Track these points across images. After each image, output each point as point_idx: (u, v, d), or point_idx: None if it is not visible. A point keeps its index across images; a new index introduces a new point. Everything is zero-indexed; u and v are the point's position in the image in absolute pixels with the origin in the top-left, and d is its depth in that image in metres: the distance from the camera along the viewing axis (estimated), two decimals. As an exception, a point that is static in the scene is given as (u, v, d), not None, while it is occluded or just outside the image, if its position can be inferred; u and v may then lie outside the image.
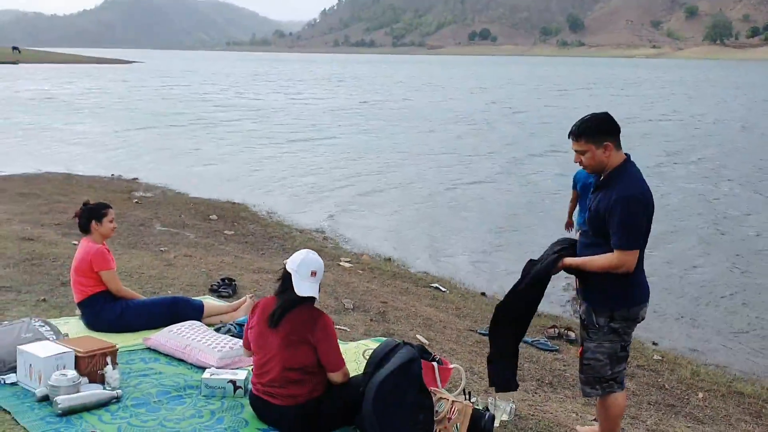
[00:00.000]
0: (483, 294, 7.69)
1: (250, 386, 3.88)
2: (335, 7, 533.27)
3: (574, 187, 7.52)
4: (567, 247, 3.60)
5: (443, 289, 7.59)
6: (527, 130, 25.92)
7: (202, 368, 4.29)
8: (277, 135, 23.83)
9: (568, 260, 3.46)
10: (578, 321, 3.74)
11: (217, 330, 4.93)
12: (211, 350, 4.45)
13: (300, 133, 24.71)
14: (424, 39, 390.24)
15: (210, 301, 5.67)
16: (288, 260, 3.73)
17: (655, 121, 29.04)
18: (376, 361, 3.68)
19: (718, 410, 5.09)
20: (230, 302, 5.70)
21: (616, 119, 3.42)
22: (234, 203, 12.52)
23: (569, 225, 7.87)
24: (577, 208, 7.53)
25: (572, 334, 6.27)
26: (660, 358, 6.13)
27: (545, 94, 46.91)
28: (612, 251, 3.32)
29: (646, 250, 3.41)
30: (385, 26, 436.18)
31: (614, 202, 3.27)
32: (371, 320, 5.97)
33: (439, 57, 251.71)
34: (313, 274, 3.65)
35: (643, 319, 3.51)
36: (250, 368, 4.17)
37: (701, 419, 4.86)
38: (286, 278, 3.68)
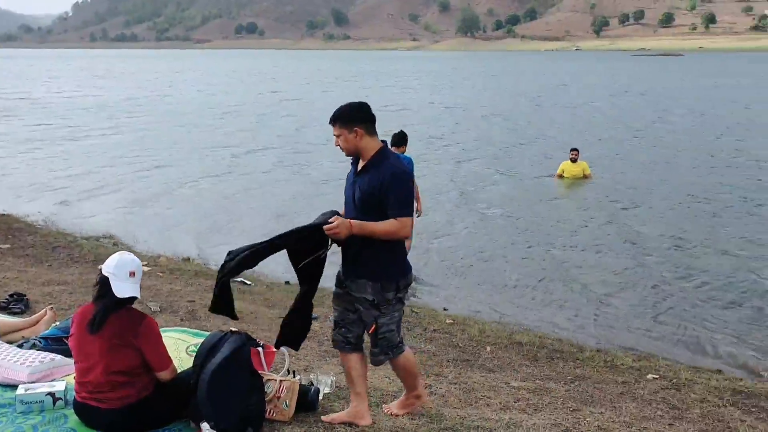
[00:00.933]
0: (287, 282, 7.96)
1: (72, 396, 3.80)
2: (89, 0, 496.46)
3: None
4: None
5: (249, 283, 7.75)
6: (272, 123, 27.02)
7: (12, 386, 4.09)
8: (30, 136, 22.23)
9: (355, 223, 3.58)
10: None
11: (20, 346, 4.68)
12: (19, 366, 4.24)
13: (56, 132, 23.39)
14: (190, 33, 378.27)
15: (3, 319, 5.32)
16: (103, 265, 3.70)
17: (408, 110, 31.31)
18: (205, 352, 3.80)
19: (503, 359, 5.87)
20: (25, 318, 5.41)
21: (370, 108, 3.74)
22: (1, 214, 11.51)
23: None
24: None
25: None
26: (451, 321, 6.86)
27: (303, 87, 48.33)
28: None
29: None
30: (147, 20, 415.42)
31: (389, 178, 3.58)
32: (181, 320, 5.98)
33: (205, 51, 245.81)
34: (132, 274, 3.63)
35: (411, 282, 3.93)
36: (68, 378, 4.07)
37: (491, 368, 5.58)
38: (103, 283, 3.63)
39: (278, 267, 8.94)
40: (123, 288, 3.58)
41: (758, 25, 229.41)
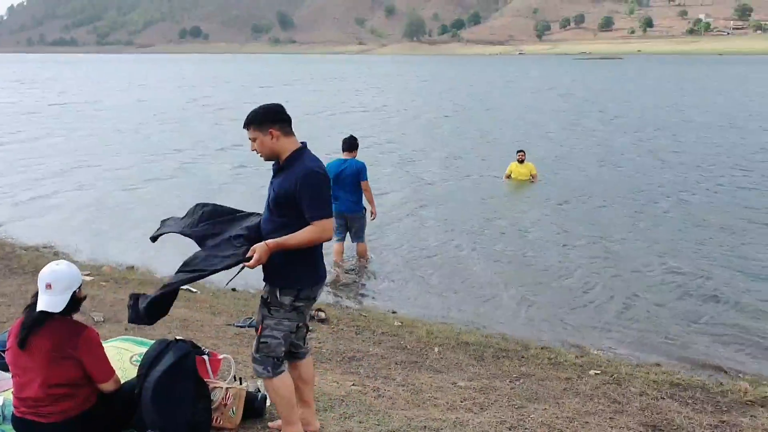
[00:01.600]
0: (234, 290, 7.90)
1: (10, 411, 3.71)
2: (25, 3, 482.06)
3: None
4: (247, 237, 3.62)
5: (194, 290, 7.65)
6: (197, 127, 26.66)
7: (-53, 403, 3.96)
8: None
9: (272, 242, 3.42)
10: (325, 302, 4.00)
11: (-45, 362, 4.54)
12: (-45, 382, 4.13)
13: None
14: (132, 37, 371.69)
15: (-63, 334, 5.14)
16: None
17: (343, 113, 31.39)
18: (149, 361, 3.77)
19: (451, 360, 5.94)
20: (-40, 332, 5.24)
21: (285, 109, 3.64)
22: (-67, 227, 11.11)
23: None
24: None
25: (322, 314, 6.79)
26: (400, 323, 6.91)
27: (239, 92, 47.88)
28: (301, 228, 3.46)
29: None
30: (87, 24, 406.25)
31: (302, 178, 3.44)
32: (126, 330, 5.87)
33: (148, 56, 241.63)
34: (48, 286, 3.52)
35: (317, 297, 3.70)
36: (6, 392, 3.97)
37: (439, 369, 5.65)
38: (34, 295, 3.59)
39: (226, 275, 8.88)
40: (41, 301, 3.52)
41: (693, 29, 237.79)
